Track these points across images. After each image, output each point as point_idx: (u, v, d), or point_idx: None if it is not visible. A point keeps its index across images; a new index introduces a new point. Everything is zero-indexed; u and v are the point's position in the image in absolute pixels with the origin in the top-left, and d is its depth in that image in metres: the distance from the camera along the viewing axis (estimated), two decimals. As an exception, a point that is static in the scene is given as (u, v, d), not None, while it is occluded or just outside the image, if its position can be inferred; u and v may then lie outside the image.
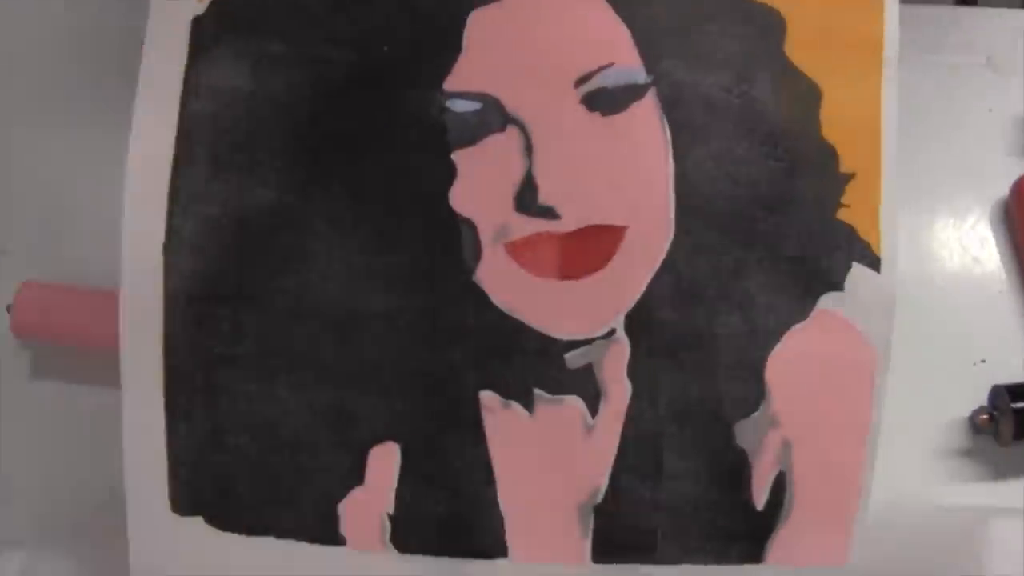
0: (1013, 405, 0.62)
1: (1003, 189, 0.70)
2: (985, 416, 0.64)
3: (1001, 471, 0.64)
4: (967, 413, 0.65)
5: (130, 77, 0.71)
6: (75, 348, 0.65)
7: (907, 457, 0.64)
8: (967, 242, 0.69)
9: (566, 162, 0.48)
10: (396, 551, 0.49)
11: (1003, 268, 0.69)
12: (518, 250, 0.47)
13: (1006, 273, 0.68)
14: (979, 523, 0.57)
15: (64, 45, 0.74)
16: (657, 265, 0.48)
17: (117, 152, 0.70)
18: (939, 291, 0.68)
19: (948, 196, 0.70)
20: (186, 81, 0.49)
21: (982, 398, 0.64)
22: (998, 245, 0.69)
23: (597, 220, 0.48)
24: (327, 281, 0.48)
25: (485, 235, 0.48)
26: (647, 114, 0.48)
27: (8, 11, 0.74)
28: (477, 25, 0.48)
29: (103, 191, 0.69)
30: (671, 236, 0.48)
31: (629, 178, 0.48)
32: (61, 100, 0.73)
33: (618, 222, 0.48)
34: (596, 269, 0.48)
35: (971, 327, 0.67)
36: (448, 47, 0.48)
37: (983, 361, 0.66)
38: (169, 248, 0.48)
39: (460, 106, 0.48)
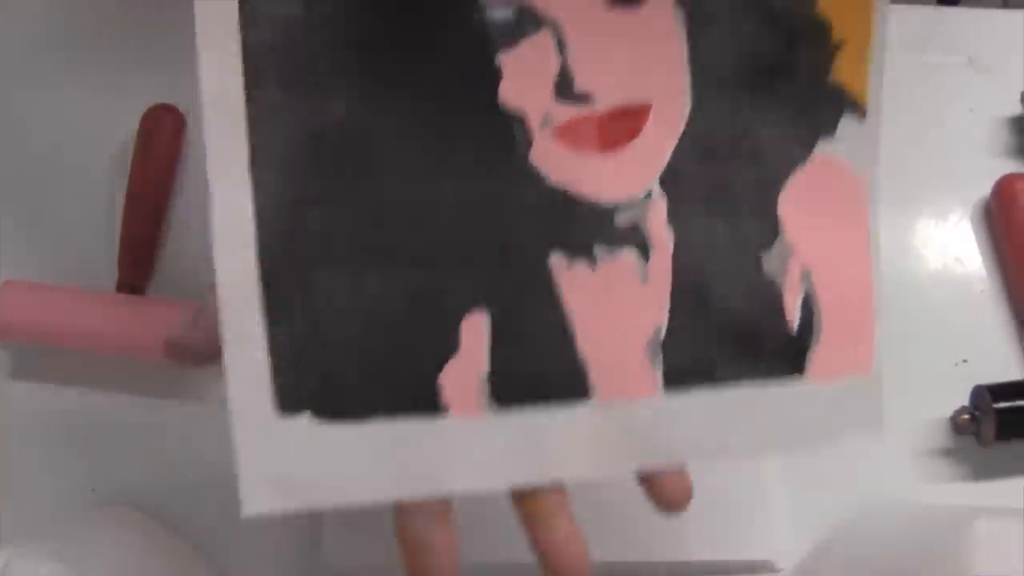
0: (995, 405, 0.63)
1: (985, 189, 0.70)
2: (967, 416, 0.64)
3: (982, 471, 0.65)
4: (949, 413, 0.65)
5: (121, 71, 0.72)
6: (57, 348, 0.65)
7: (889, 457, 0.64)
8: (949, 242, 0.70)
9: (594, 54, 0.53)
10: (494, 409, 0.53)
11: (985, 268, 0.69)
12: (563, 132, 0.53)
13: (988, 273, 0.69)
14: (961, 523, 0.58)
15: (52, 36, 0.73)
16: (679, 132, 0.54)
17: (104, 151, 0.70)
18: (921, 291, 0.69)
19: (930, 196, 0.70)
20: (241, 12, 0.52)
21: (964, 398, 0.65)
22: (980, 245, 0.69)
23: (626, 101, 0.54)
24: (402, 179, 0.53)
25: (533, 123, 0.53)
26: (662, 4, 0.54)
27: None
28: None
29: (89, 190, 0.69)
30: (688, 107, 0.55)
31: (649, 62, 0.54)
32: (47, 95, 0.72)
33: (643, 100, 0.54)
34: (627, 143, 0.54)
35: (953, 327, 0.68)
36: None
37: (965, 361, 0.67)
38: (254, 165, 0.51)
39: (498, 14, 0.53)
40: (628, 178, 0.54)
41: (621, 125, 0.54)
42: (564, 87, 0.53)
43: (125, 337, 0.64)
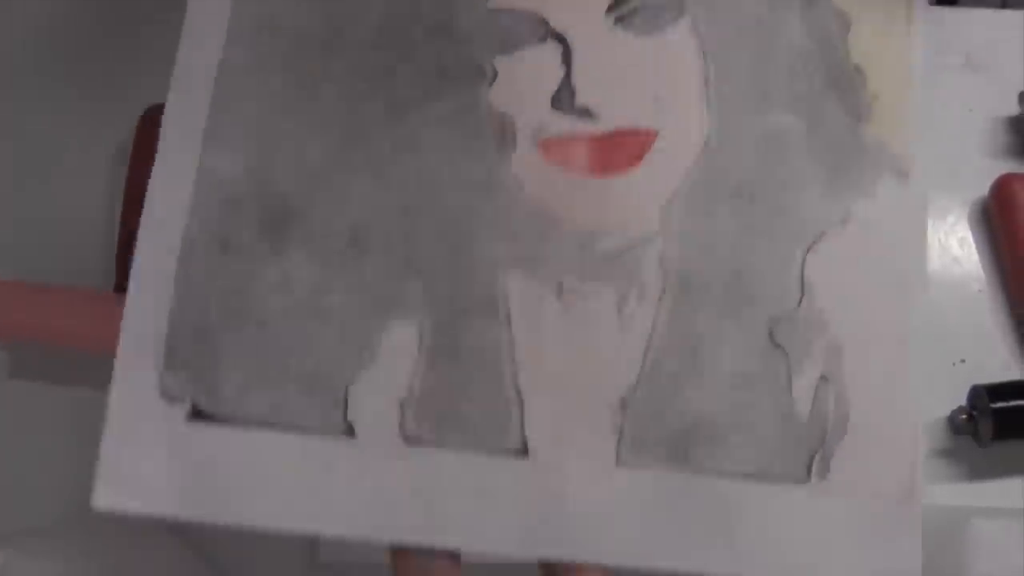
0: (992, 405, 0.63)
1: (982, 189, 0.70)
2: (964, 416, 0.64)
3: (980, 471, 0.64)
4: (946, 413, 0.65)
5: (119, 71, 0.72)
6: (46, 347, 0.65)
7: (887, 456, 0.64)
8: (947, 242, 0.70)
9: (603, 72, 0.50)
10: (405, 443, 0.47)
11: (982, 268, 0.69)
12: (551, 148, 0.49)
13: (985, 273, 0.69)
14: (959, 523, 0.58)
15: (50, 35, 0.74)
16: (687, 167, 0.50)
17: (102, 151, 0.70)
18: (919, 291, 0.68)
19: (928, 196, 0.70)
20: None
21: (961, 398, 0.64)
22: (977, 245, 0.69)
23: (629, 123, 0.50)
24: (361, 144, 0.50)
25: (522, 133, 0.49)
26: (683, 36, 0.51)
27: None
28: None
29: (87, 190, 0.70)
30: (702, 143, 0.50)
31: (664, 90, 0.50)
32: (44, 95, 0.72)
33: (650, 127, 0.50)
34: (625, 169, 0.49)
35: (950, 327, 0.67)
36: None
37: (962, 361, 0.66)
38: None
39: (506, 20, 0.51)
40: (620, 209, 0.49)
41: (620, 150, 0.49)
42: (563, 97, 0.49)
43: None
